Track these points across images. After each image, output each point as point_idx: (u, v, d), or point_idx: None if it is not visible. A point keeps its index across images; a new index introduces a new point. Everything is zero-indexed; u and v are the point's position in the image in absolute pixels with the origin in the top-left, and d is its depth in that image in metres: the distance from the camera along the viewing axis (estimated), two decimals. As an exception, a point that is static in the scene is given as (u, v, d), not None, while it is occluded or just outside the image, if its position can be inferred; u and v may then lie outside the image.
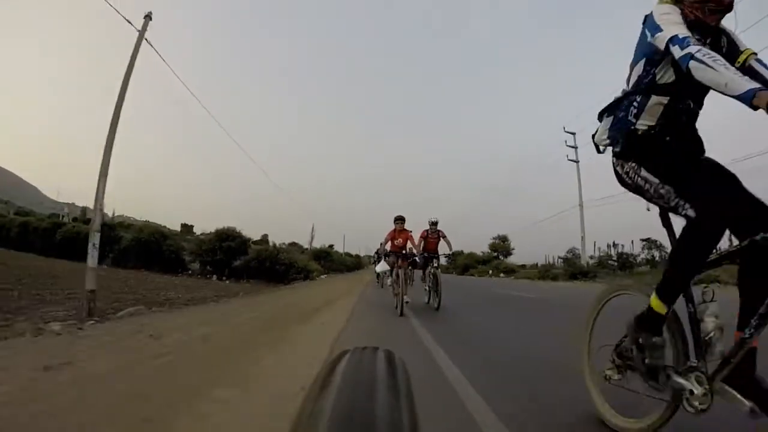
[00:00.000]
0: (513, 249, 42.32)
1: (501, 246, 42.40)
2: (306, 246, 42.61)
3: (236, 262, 21.88)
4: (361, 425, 0.28)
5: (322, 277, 25.12)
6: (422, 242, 7.36)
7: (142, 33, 6.56)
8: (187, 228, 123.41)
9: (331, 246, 47.72)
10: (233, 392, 2.06)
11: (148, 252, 22.80)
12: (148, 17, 6.75)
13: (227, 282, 18.56)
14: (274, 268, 21.27)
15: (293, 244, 48.89)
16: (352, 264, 47.37)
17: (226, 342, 3.53)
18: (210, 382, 2.22)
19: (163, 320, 4.67)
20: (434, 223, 7.53)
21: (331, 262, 34.61)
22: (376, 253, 14.83)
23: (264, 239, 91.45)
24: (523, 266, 35.87)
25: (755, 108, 1.05)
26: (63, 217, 77.59)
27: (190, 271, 22.77)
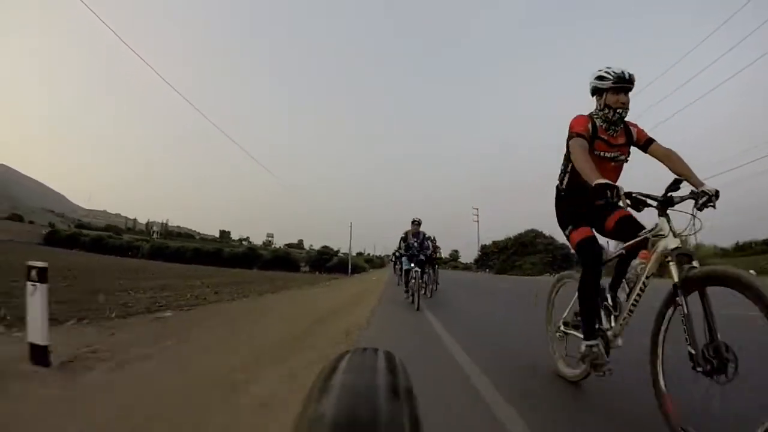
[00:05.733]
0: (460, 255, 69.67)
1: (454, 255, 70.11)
2: (335, 248, 68.54)
3: (329, 263, 45.08)
4: (363, 426, 0.30)
5: (370, 270, 48.08)
6: None
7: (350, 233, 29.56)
8: (224, 233, 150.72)
9: (369, 254, 72.07)
10: (373, 279, 24.68)
11: (279, 261, 46.15)
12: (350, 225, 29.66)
13: (324, 274, 41.41)
14: (347, 267, 44.40)
15: (325, 247, 73.23)
16: (380, 263, 70.80)
17: (371, 281, 26.18)
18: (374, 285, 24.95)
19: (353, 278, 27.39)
20: None
21: (372, 263, 58.15)
22: (394, 254, 14.56)
23: (300, 243, 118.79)
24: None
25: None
26: (153, 234, 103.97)
27: (303, 270, 46.00)
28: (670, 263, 1.77)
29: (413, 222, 8.46)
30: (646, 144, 2.39)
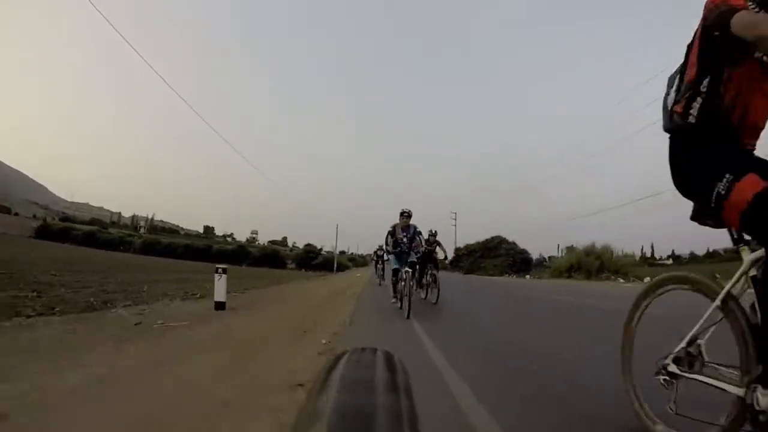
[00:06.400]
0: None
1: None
2: (319, 246, 71.73)
3: (314, 261, 48.74)
4: (361, 426, 0.30)
5: (353, 268, 51.92)
6: None
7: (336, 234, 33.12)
8: (208, 229, 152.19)
9: (352, 253, 76.21)
10: (358, 275, 28.65)
11: (267, 258, 49.59)
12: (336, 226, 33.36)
13: (310, 272, 45.07)
14: (331, 265, 48.13)
15: (309, 245, 77.05)
16: (362, 262, 74.88)
17: (356, 277, 30.14)
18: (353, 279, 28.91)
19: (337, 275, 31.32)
20: None
21: (355, 261, 62.14)
22: (375, 252, 14.02)
23: (284, 241, 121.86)
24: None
25: None
26: (140, 228, 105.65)
27: (289, 267, 49.54)
28: None
29: (402, 214, 7.20)
30: None
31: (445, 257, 9.34)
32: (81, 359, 3.07)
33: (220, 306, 6.32)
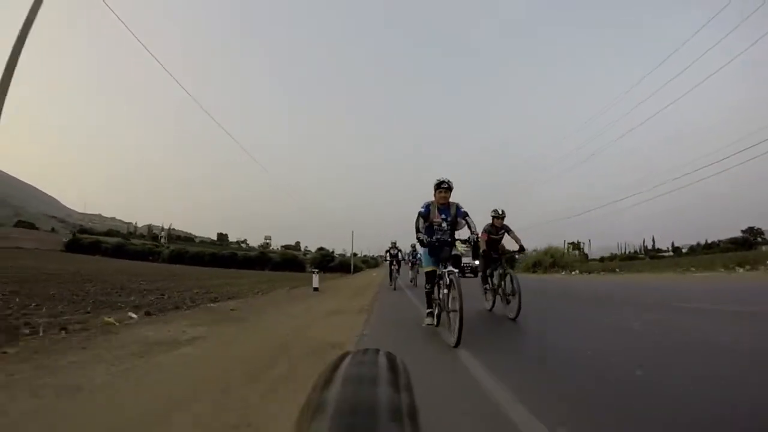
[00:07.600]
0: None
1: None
2: (330, 249, 77.87)
3: (330, 264, 53.69)
4: (362, 418, 0.32)
5: (366, 270, 56.82)
6: None
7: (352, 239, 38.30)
8: (222, 236, 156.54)
9: (365, 255, 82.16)
10: (374, 275, 33.86)
11: (288, 263, 54.68)
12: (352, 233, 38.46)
13: (328, 274, 49.96)
14: (347, 267, 53.13)
15: (320, 249, 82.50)
16: (374, 264, 80.00)
17: (372, 276, 35.26)
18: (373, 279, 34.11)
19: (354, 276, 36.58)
20: None
21: (368, 263, 67.45)
22: (388, 251, 14.35)
23: (297, 245, 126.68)
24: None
25: None
26: (161, 238, 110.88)
27: (309, 271, 54.46)
28: None
29: (439, 186, 4.83)
30: None
31: (522, 249, 6.68)
32: (293, 305, 8.20)
33: (315, 289, 11.49)
